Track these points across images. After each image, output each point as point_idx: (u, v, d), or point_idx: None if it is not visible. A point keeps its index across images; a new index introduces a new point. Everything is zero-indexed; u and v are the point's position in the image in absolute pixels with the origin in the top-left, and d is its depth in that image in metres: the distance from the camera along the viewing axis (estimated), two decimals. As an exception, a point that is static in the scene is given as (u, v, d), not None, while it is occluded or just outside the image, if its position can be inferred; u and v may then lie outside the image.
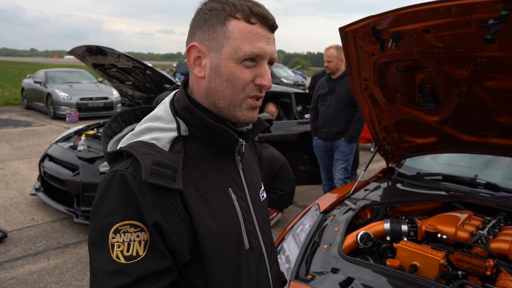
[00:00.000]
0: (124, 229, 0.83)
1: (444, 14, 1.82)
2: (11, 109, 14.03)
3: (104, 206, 0.85)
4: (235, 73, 0.92)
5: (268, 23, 0.94)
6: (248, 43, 0.91)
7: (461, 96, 2.32)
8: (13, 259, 3.74)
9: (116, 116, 1.07)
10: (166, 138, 0.93)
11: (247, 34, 0.92)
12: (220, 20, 0.92)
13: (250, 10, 0.92)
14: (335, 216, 2.46)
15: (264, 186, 1.23)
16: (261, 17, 0.93)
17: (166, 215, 0.85)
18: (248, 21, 0.92)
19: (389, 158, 3.18)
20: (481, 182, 2.71)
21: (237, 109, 0.95)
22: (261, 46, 0.92)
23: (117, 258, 0.82)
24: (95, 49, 4.89)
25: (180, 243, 0.87)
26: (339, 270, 1.94)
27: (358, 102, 2.80)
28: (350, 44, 2.32)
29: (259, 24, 0.93)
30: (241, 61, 0.92)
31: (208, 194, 0.93)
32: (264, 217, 1.14)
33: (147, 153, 0.86)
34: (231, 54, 0.92)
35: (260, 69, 0.94)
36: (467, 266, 1.92)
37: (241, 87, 0.94)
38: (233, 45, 0.92)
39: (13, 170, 6.56)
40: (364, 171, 3.00)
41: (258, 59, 0.94)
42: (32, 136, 9.41)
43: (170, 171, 0.85)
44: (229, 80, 0.93)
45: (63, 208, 4.48)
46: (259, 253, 1.06)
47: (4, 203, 5.12)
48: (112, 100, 12.68)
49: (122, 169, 0.86)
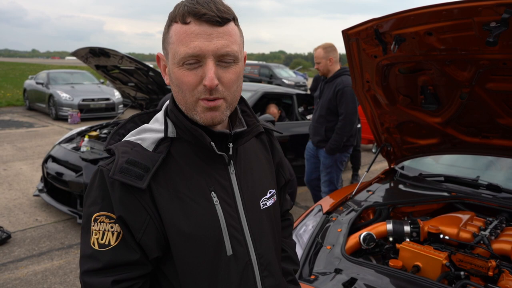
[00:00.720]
0: (100, 219, 0.91)
1: (446, 17, 1.83)
2: (13, 110, 14.06)
3: (89, 196, 0.94)
4: (179, 77, 0.92)
5: (203, 18, 0.88)
6: (183, 45, 0.89)
7: (463, 98, 2.34)
8: (17, 260, 3.76)
9: (133, 117, 1.11)
10: (152, 139, 0.98)
11: (181, 35, 0.89)
12: (166, 28, 0.94)
13: (186, 10, 0.89)
14: (338, 217, 2.48)
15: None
16: (194, 15, 0.88)
17: (131, 211, 0.90)
18: (184, 22, 0.89)
19: (391, 159, 3.20)
20: (483, 183, 2.72)
21: (193, 112, 0.95)
22: (196, 45, 0.88)
23: (93, 244, 0.91)
24: (98, 51, 4.92)
25: (147, 239, 0.91)
26: (342, 270, 1.96)
27: (360, 104, 2.82)
28: (352, 46, 2.34)
29: (194, 22, 0.88)
30: (181, 64, 0.90)
31: (185, 195, 0.95)
32: (263, 226, 1.08)
33: (125, 152, 0.93)
34: (172, 59, 0.92)
35: (203, 68, 0.90)
36: (469, 267, 1.93)
37: (188, 90, 0.92)
38: (172, 50, 0.92)
39: (16, 171, 6.58)
40: (366, 172, 3.02)
41: (199, 58, 0.89)
42: (34, 137, 9.44)
43: (140, 170, 0.91)
44: (177, 85, 0.94)
45: (66, 209, 4.50)
46: (245, 262, 1.01)
47: (7, 204, 5.14)
48: (114, 101, 12.71)
49: (104, 165, 0.94)
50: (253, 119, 1.13)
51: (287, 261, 1.29)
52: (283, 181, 1.27)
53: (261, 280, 1.05)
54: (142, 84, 5.73)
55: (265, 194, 1.12)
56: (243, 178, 1.06)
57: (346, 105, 3.88)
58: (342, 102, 3.89)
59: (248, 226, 1.04)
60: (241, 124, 1.08)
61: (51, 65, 50.20)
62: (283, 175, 1.27)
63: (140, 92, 6.02)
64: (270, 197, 1.13)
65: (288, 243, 1.32)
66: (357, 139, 6.29)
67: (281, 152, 1.27)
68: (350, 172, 6.56)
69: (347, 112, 3.88)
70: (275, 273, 1.10)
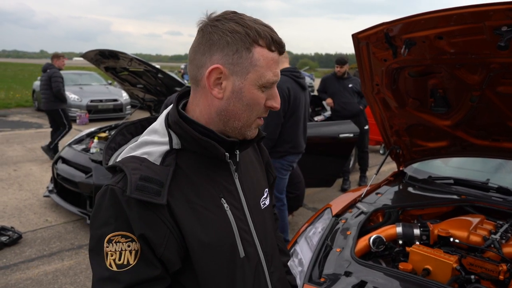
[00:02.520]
0: (116, 239, 0.89)
1: (457, 21, 1.84)
2: (22, 111, 14.19)
3: (98, 217, 0.91)
4: (256, 98, 0.97)
5: (282, 50, 0.98)
6: (271, 71, 0.96)
7: (473, 101, 2.34)
8: (28, 260, 3.81)
9: (121, 129, 1.13)
10: (158, 152, 0.97)
11: (269, 62, 0.96)
12: (245, 46, 0.93)
13: (271, 38, 0.95)
14: (347, 220, 2.48)
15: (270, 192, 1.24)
16: (279, 45, 0.97)
17: (152, 227, 0.90)
18: (270, 49, 0.96)
19: (400, 161, 3.20)
20: (493, 186, 2.71)
21: (248, 129, 1.01)
22: (277, 73, 0.98)
23: (110, 266, 0.88)
24: (107, 53, 4.96)
25: (168, 253, 0.91)
26: (352, 273, 1.96)
27: (369, 107, 2.83)
28: (362, 50, 2.34)
29: (277, 52, 0.97)
30: (262, 87, 0.97)
31: (198, 205, 0.96)
32: (265, 225, 1.14)
33: (136, 168, 0.91)
34: (255, 81, 0.95)
35: (271, 91, 1.00)
36: (480, 271, 1.93)
37: (257, 110, 0.99)
38: (258, 72, 0.95)
39: (26, 171, 6.65)
40: (375, 174, 3.02)
41: (273, 83, 0.99)
42: (43, 137, 9.51)
43: (156, 186, 0.90)
44: (249, 105, 0.97)
45: (76, 210, 4.54)
46: (257, 261, 1.06)
47: (18, 204, 5.20)
48: (121, 102, 12.80)
49: (113, 183, 0.91)
50: None
51: (281, 254, 1.36)
52: (271, 179, 1.33)
53: (269, 276, 1.10)
54: (151, 86, 5.77)
55: (263, 194, 1.17)
56: (245, 181, 1.10)
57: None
58: None
59: (254, 227, 1.07)
60: None
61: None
62: (271, 173, 1.33)
63: (148, 93, 6.06)
64: (267, 196, 1.19)
65: (278, 237, 1.40)
66: (365, 140, 6.29)
67: (267, 151, 1.32)
68: (358, 173, 6.55)
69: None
70: (279, 268, 1.18)
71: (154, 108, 6.31)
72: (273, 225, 1.23)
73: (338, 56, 6.23)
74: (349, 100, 6.00)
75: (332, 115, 6.21)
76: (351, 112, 5.95)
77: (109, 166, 0.99)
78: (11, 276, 3.53)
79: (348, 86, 6.02)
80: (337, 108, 6.03)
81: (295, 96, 3.63)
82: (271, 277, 1.11)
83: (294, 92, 3.63)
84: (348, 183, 6.18)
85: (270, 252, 1.13)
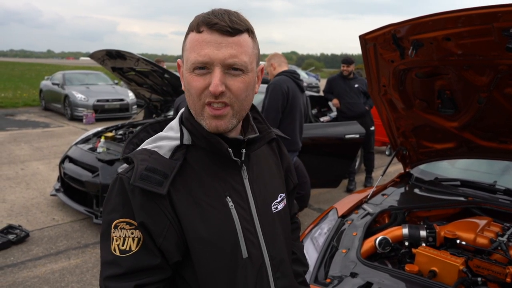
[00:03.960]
0: (121, 226, 0.93)
1: (465, 23, 1.83)
2: (30, 110, 14.30)
3: (109, 203, 0.96)
4: (189, 82, 0.96)
5: (215, 28, 0.92)
6: (194, 52, 0.94)
7: (480, 103, 2.33)
8: (35, 258, 3.84)
9: (146, 127, 1.15)
10: (168, 146, 1.01)
11: (194, 43, 0.94)
12: (185, 36, 0.99)
13: (201, 20, 0.94)
14: (353, 221, 2.48)
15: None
16: (207, 24, 0.93)
17: (152, 217, 0.93)
18: (198, 31, 0.94)
19: (406, 163, 3.19)
20: (500, 188, 2.70)
21: (200, 118, 0.99)
22: (206, 52, 0.92)
23: (114, 250, 0.93)
24: (114, 53, 4.99)
25: (167, 244, 0.94)
26: (358, 274, 1.96)
27: (376, 108, 2.82)
28: (370, 51, 2.34)
29: (206, 31, 0.93)
30: (192, 70, 0.95)
31: (202, 201, 0.98)
32: (275, 229, 1.12)
33: (144, 159, 0.95)
34: (185, 65, 0.98)
35: (211, 75, 0.94)
36: (487, 273, 1.93)
37: (196, 95, 0.96)
38: (186, 56, 0.97)
39: (33, 170, 6.71)
40: (381, 176, 3.01)
41: (208, 66, 0.93)
42: (50, 137, 9.59)
43: (159, 176, 0.93)
44: (188, 90, 0.99)
45: (83, 209, 4.57)
46: (260, 264, 1.05)
47: (25, 203, 5.25)
48: (128, 101, 12.85)
49: (123, 173, 0.97)
50: (265, 125, 1.16)
51: (297, 263, 1.34)
52: (291, 185, 1.32)
53: (274, 281, 1.08)
54: (157, 86, 5.80)
55: (276, 198, 1.16)
56: (256, 183, 1.10)
57: (266, 99, 3.81)
58: (265, 96, 3.85)
59: (261, 229, 1.07)
60: (253, 130, 1.11)
61: (65, 65, 50.92)
62: (291, 179, 1.32)
63: (155, 93, 6.09)
64: (281, 201, 1.17)
65: (297, 246, 1.38)
66: (371, 141, 6.28)
67: (289, 158, 1.32)
68: (364, 174, 6.53)
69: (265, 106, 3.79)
70: (287, 275, 1.14)
71: (160, 108, 6.34)
72: (287, 231, 1.20)
73: (344, 56, 6.23)
74: (355, 101, 5.99)
75: (338, 115, 6.20)
76: (357, 113, 5.94)
77: (123, 157, 1.02)
78: (19, 274, 3.56)
79: (354, 87, 6.01)
80: (343, 109, 6.02)
81: (293, 95, 3.82)
82: (276, 282, 1.09)
83: (293, 91, 3.84)
84: (354, 184, 6.17)
85: (278, 257, 1.10)
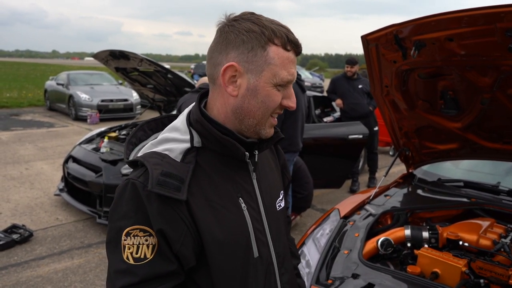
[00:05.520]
0: (134, 233, 0.91)
1: (468, 23, 1.82)
2: (34, 110, 14.38)
3: (118, 210, 0.93)
4: (271, 96, 0.98)
5: (299, 50, 1.01)
6: (285, 70, 0.98)
7: (483, 103, 2.31)
8: (39, 258, 3.86)
9: (142, 125, 1.14)
10: (179, 149, 0.99)
11: (284, 61, 0.97)
12: (260, 45, 0.95)
13: (287, 37, 0.97)
14: (355, 222, 2.47)
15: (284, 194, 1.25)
16: (295, 45, 0.99)
17: (170, 223, 0.91)
18: (285, 48, 0.97)
19: (409, 164, 3.18)
20: (503, 189, 2.68)
21: (262, 127, 1.02)
22: (293, 72, 1.00)
23: (127, 259, 0.90)
24: (118, 54, 5.01)
25: (184, 250, 0.93)
26: (359, 275, 1.96)
27: (379, 108, 2.81)
28: (372, 52, 2.33)
29: (293, 51, 0.99)
30: (276, 85, 0.98)
31: (216, 203, 0.98)
32: (279, 227, 1.15)
33: (157, 164, 0.93)
34: (269, 79, 0.97)
35: (287, 91, 1.02)
36: (489, 275, 1.91)
37: (272, 108, 1.00)
38: (272, 71, 0.97)
39: (37, 170, 6.74)
40: (384, 176, 3.00)
41: (288, 82, 1.00)
42: (55, 137, 9.64)
43: (176, 181, 0.91)
44: (263, 102, 0.99)
45: (86, 209, 4.59)
46: (269, 262, 1.08)
47: (29, 202, 5.27)
48: (132, 102, 12.90)
49: (135, 177, 0.93)
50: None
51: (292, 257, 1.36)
52: (286, 181, 1.34)
53: (279, 277, 1.11)
54: (161, 86, 5.81)
55: (278, 196, 1.19)
56: (262, 182, 1.11)
57: None
58: None
59: (268, 228, 1.09)
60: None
61: (70, 65, 51.14)
62: (286, 176, 1.33)
63: (158, 94, 6.10)
64: (282, 198, 1.21)
65: (290, 239, 1.41)
66: (375, 142, 6.26)
67: (283, 154, 1.34)
68: (367, 175, 6.52)
69: None
70: (289, 270, 1.18)
71: (163, 108, 6.35)
72: (286, 227, 1.24)
73: (349, 57, 6.22)
74: (358, 101, 5.97)
75: (341, 116, 6.20)
76: (360, 113, 5.92)
77: (130, 160, 1.01)
78: (22, 273, 3.58)
79: (358, 87, 6.00)
80: (347, 109, 6.01)
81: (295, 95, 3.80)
82: (281, 278, 1.12)
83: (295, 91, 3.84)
84: (357, 184, 6.15)
85: (282, 254, 1.14)
